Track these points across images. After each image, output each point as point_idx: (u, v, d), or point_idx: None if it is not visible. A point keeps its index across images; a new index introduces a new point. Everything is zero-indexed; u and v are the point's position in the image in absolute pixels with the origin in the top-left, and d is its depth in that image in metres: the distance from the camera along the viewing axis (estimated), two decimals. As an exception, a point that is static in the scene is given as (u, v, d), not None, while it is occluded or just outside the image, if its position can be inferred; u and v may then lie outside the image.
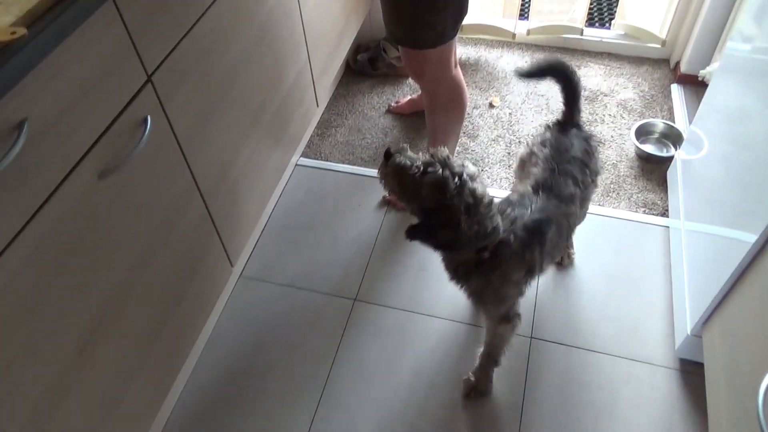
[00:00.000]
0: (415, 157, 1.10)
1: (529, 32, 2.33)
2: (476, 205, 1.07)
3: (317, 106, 1.89)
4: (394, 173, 1.10)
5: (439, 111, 1.67)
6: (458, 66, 1.63)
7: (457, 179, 1.05)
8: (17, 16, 0.78)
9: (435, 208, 1.07)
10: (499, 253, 1.16)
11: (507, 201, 1.25)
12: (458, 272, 1.23)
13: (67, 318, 0.93)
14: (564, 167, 1.26)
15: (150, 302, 1.15)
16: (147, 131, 1.03)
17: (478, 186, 1.08)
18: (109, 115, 0.95)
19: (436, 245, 1.15)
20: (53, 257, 0.88)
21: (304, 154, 2.02)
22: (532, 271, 1.23)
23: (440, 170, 1.05)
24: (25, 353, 0.86)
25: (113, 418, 1.09)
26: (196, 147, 1.21)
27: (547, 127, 1.36)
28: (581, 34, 2.29)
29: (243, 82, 1.37)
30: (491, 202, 1.11)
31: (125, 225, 1.03)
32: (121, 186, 1.00)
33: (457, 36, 1.53)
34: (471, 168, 1.10)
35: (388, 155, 1.12)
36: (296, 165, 1.99)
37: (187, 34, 1.12)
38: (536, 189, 1.24)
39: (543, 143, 1.31)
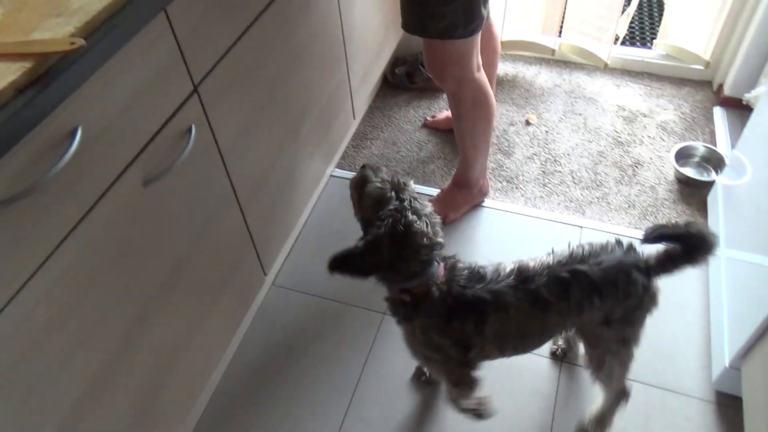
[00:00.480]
0: (385, 177, 1.08)
1: (560, 47, 2.30)
2: (407, 238, 1.01)
3: (354, 118, 1.91)
4: (357, 183, 1.12)
5: (465, 116, 1.64)
6: (482, 70, 1.59)
7: (397, 202, 1.03)
8: (76, 27, 0.80)
9: (370, 223, 1.06)
10: (421, 303, 1.08)
11: (477, 264, 1.13)
12: (391, 310, 1.15)
13: (105, 322, 0.95)
14: (562, 275, 1.07)
15: (184, 309, 1.17)
16: (191, 140, 1.05)
17: (418, 223, 1.02)
18: (155, 124, 0.98)
19: (358, 268, 1.07)
20: (95, 262, 0.90)
21: (339, 165, 2.04)
22: (467, 347, 1.11)
23: (387, 187, 1.05)
24: (67, 352, 0.88)
25: (149, 416, 1.11)
26: (236, 156, 1.23)
27: (617, 243, 1.14)
28: (615, 53, 2.27)
29: (283, 92, 1.39)
30: (433, 246, 1.04)
31: (165, 231, 1.06)
32: (163, 193, 1.02)
33: (478, 38, 1.48)
34: (426, 207, 1.06)
35: (362, 167, 1.13)
36: (331, 176, 2.00)
37: (233, 46, 1.15)
38: (513, 272, 1.10)
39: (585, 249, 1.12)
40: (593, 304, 1.08)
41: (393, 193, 1.05)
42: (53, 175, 0.77)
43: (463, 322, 1.09)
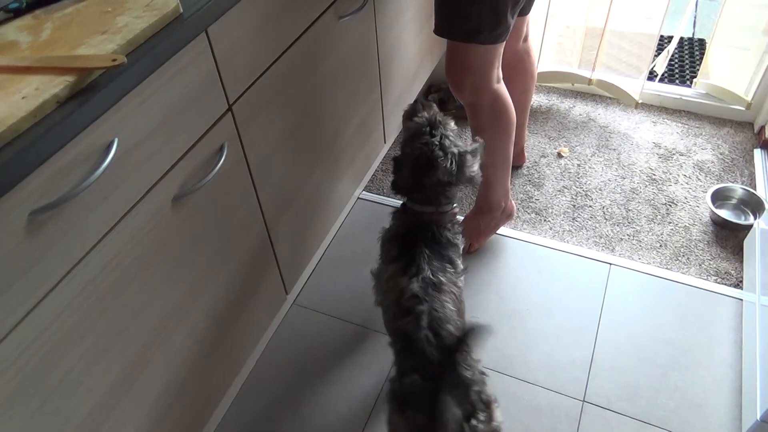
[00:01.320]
0: (426, 114, 1.27)
1: (590, 82, 2.28)
2: (429, 169, 1.22)
3: (384, 142, 1.92)
4: (406, 115, 1.33)
5: (484, 128, 1.59)
6: (502, 83, 1.57)
7: (428, 137, 1.22)
8: (119, 44, 0.83)
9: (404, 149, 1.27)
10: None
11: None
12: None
13: (122, 336, 0.97)
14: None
15: (201, 326, 1.17)
16: (223, 158, 1.07)
17: (443, 159, 1.21)
18: (188, 141, 1.00)
19: (392, 182, 1.32)
20: (117, 275, 0.92)
21: (367, 188, 2.05)
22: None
23: (424, 123, 1.24)
24: (86, 363, 0.89)
25: (163, 426, 1.11)
26: (265, 175, 1.25)
27: None
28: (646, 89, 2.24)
29: (316, 114, 1.40)
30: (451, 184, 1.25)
31: (189, 246, 1.07)
32: (191, 209, 1.04)
33: (502, 47, 1.47)
34: (457, 146, 1.25)
35: (415, 101, 1.34)
36: (358, 198, 2.01)
37: (270, 67, 1.17)
38: None
39: None
40: None
41: (428, 128, 1.22)
42: (86, 186, 0.79)
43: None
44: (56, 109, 0.75)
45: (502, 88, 1.55)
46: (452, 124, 1.29)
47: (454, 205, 1.33)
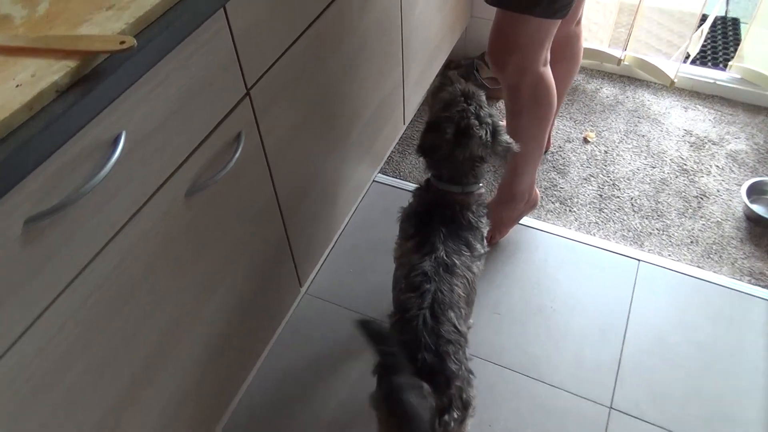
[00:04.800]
0: (459, 86, 1.20)
1: (620, 62, 2.15)
2: (463, 138, 1.16)
3: (404, 124, 1.81)
4: (434, 90, 1.27)
5: (522, 112, 1.46)
6: (548, 66, 1.43)
7: (464, 104, 1.16)
8: (127, 23, 0.72)
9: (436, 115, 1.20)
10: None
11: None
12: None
13: (131, 341, 0.88)
14: None
15: (215, 323, 1.09)
16: (240, 148, 0.97)
17: (478, 128, 1.16)
18: (203, 130, 0.90)
19: (419, 144, 1.23)
20: (127, 278, 0.83)
21: (383, 171, 1.95)
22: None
23: (457, 93, 1.18)
24: (95, 371, 0.81)
25: (173, 426, 1.04)
26: (283, 164, 1.15)
27: None
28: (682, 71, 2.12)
29: (336, 97, 1.30)
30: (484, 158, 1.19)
31: (203, 244, 0.98)
32: (205, 204, 0.94)
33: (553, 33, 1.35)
34: (491, 116, 1.20)
35: (442, 75, 1.32)
36: (374, 181, 1.91)
37: (291, 46, 1.06)
38: None
39: None
40: None
41: (462, 98, 1.17)
42: (90, 188, 0.69)
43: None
44: (55, 100, 0.65)
45: (548, 71, 1.43)
46: (484, 97, 1.22)
47: (481, 185, 1.26)
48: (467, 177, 1.21)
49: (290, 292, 1.38)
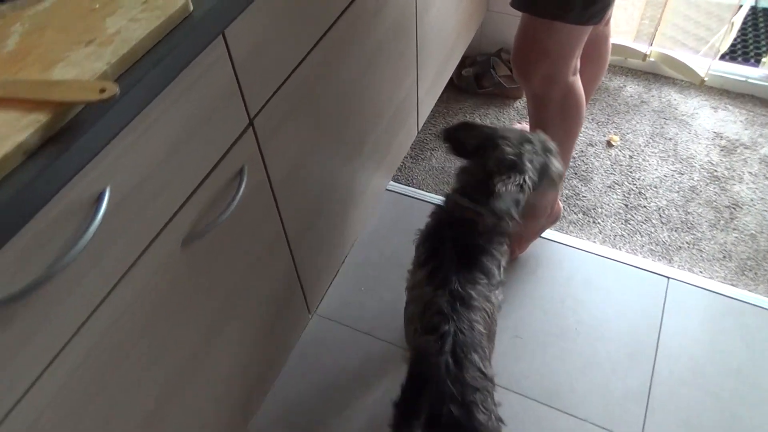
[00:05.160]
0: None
1: (645, 57, 2.03)
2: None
3: (417, 130, 1.70)
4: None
5: (548, 124, 1.35)
6: (578, 74, 1.33)
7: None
8: (109, 62, 0.62)
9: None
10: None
11: None
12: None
13: (135, 393, 0.79)
14: None
15: (222, 363, 1.00)
16: (243, 185, 0.86)
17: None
18: (201, 171, 0.80)
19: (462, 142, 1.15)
20: (121, 338, 0.74)
21: (395, 178, 1.84)
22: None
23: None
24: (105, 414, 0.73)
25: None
26: (290, 192, 1.05)
27: None
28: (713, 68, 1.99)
29: (347, 110, 1.19)
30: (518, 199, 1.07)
31: (203, 291, 0.88)
32: (204, 250, 0.85)
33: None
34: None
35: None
36: (386, 190, 1.81)
37: (298, 66, 0.95)
38: None
39: None
40: None
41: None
42: (69, 260, 0.59)
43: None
44: (23, 164, 0.54)
45: (577, 81, 1.31)
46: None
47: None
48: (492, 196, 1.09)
49: (299, 321, 1.29)
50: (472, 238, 1.09)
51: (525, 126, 1.89)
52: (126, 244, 0.69)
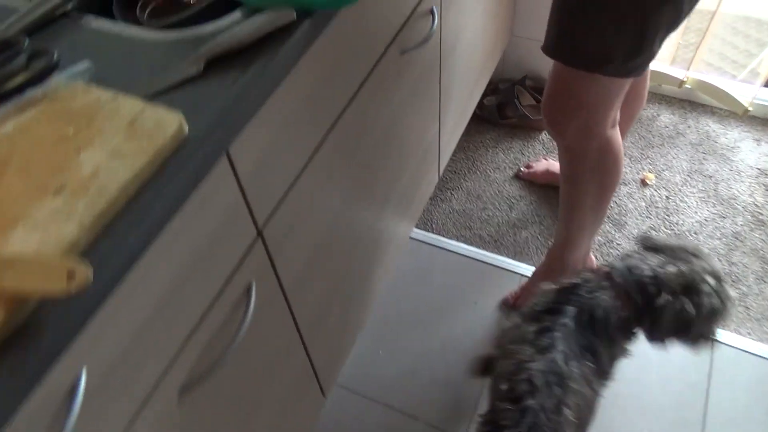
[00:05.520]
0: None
1: (681, 84, 1.87)
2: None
3: (438, 175, 1.56)
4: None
5: (580, 180, 1.24)
6: (617, 126, 1.19)
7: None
8: (82, 225, 0.49)
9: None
10: None
11: None
12: None
13: None
14: None
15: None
16: (251, 306, 0.74)
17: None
18: (197, 312, 0.67)
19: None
20: None
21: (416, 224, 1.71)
22: None
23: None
24: None
25: None
26: (302, 293, 0.92)
27: None
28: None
29: (366, 181, 1.06)
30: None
31: (211, 422, 0.76)
32: (205, 394, 0.72)
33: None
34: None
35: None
36: (408, 238, 1.67)
37: (310, 159, 0.82)
38: None
39: None
40: None
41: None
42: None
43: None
44: (-30, 384, 0.42)
45: (616, 135, 1.17)
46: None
47: None
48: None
49: (314, 407, 1.17)
50: (605, 317, 0.97)
51: (552, 162, 1.76)
52: (110, 418, 0.57)
